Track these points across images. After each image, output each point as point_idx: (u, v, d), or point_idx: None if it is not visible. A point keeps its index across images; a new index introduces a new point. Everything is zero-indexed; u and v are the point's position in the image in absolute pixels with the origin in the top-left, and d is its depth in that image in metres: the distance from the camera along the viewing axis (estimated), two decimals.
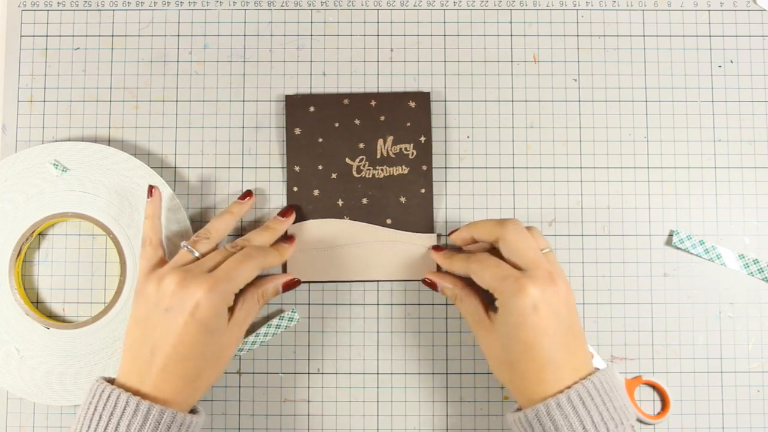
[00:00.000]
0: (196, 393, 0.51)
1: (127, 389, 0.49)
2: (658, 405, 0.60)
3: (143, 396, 0.49)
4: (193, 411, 0.52)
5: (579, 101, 0.62)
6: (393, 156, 0.61)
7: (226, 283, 0.51)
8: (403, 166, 0.61)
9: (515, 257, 0.51)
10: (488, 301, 0.53)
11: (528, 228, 0.53)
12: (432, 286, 0.58)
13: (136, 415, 0.47)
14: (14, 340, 0.59)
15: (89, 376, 0.58)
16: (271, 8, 0.63)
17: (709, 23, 0.63)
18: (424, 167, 0.61)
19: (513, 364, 0.50)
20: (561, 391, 0.48)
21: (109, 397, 0.48)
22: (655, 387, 0.60)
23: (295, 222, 0.60)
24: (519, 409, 0.51)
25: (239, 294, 0.54)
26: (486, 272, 0.51)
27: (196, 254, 0.54)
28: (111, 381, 0.51)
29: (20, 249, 0.59)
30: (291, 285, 0.58)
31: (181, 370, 0.50)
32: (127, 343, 0.52)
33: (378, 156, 0.61)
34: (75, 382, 0.58)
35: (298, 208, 0.61)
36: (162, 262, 0.55)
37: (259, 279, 0.56)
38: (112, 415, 0.48)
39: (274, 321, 0.59)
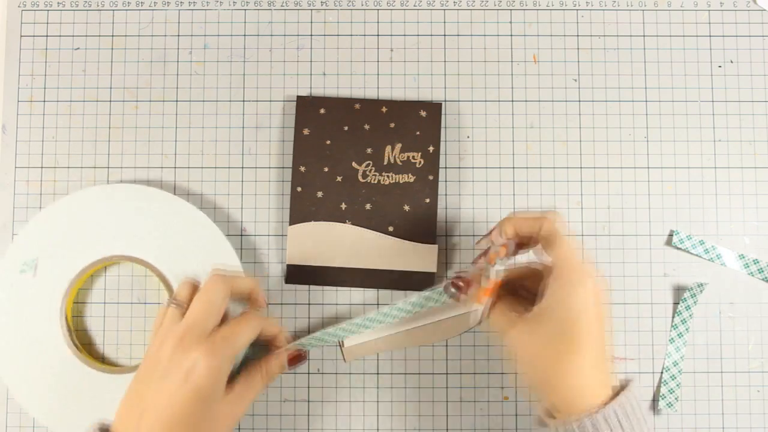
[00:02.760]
0: None
1: None
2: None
3: None
4: None
5: (579, 101, 0.62)
6: (400, 163, 0.61)
7: (225, 347, 0.49)
8: (410, 175, 0.61)
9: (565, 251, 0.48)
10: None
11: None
12: (462, 289, 0.52)
13: None
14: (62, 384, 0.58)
15: None
16: (271, 8, 0.63)
17: (709, 23, 0.63)
18: (431, 177, 0.61)
19: (557, 364, 0.46)
20: (605, 404, 0.45)
21: None
22: None
23: (296, 222, 0.60)
24: (551, 416, 0.48)
25: (243, 369, 0.52)
26: (558, 248, 0.48)
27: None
28: (106, 429, 0.49)
29: (72, 290, 0.59)
30: (297, 359, 0.55)
31: None
32: (126, 393, 0.50)
33: (385, 162, 0.61)
34: None
35: (299, 209, 0.61)
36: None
37: (265, 356, 0.54)
38: None
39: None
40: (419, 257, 0.60)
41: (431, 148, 0.61)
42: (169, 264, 0.59)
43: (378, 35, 0.63)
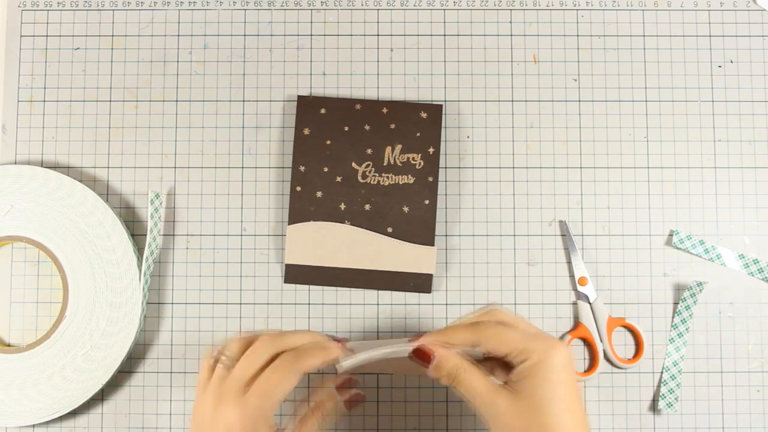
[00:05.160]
0: None
1: None
2: (632, 350, 0.60)
3: None
4: None
5: (579, 101, 0.62)
6: (400, 164, 0.61)
7: (262, 402, 0.47)
8: (409, 176, 0.61)
9: (518, 333, 0.47)
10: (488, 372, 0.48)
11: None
12: (424, 357, 0.48)
13: None
14: None
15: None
16: (271, 8, 0.63)
17: (709, 23, 0.63)
18: (430, 179, 0.61)
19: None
20: None
21: None
22: (631, 330, 0.60)
23: (295, 222, 0.60)
24: None
25: (298, 417, 0.50)
26: (506, 335, 0.46)
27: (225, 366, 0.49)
28: None
29: None
30: (356, 400, 0.52)
31: None
32: None
33: (385, 163, 0.61)
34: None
35: (298, 209, 0.61)
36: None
37: (319, 397, 0.51)
38: None
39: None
40: (417, 259, 0.60)
41: (431, 150, 0.61)
42: (64, 248, 0.59)
43: (378, 35, 0.63)
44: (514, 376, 0.46)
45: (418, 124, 0.61)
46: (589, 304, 0.60)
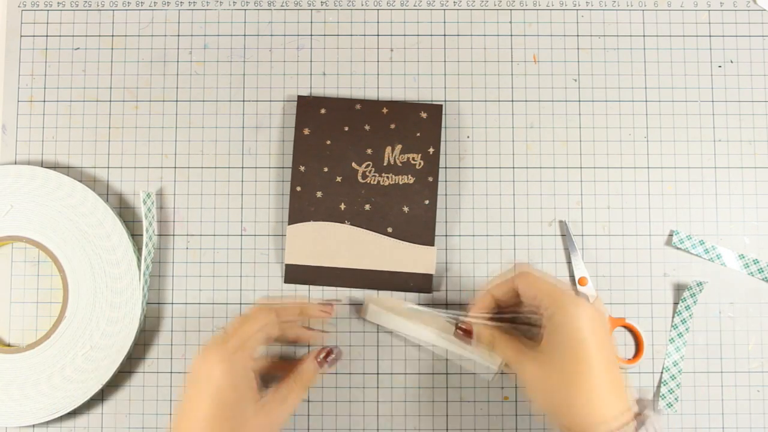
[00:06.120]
0: None
1: None
2: (632, 350, 0.60)
3: None
4: None
5: (579, 101, 0.62)
6: (400, 164, 0.61)
7: (237, 348, 0.50)
8: (409, 176, 0.61)
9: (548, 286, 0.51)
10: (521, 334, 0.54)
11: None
12: (467, 333, 0.55)
13: None
14: None
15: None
16: (271, 8, 0.63)
17: (709, 23, 0.63)
18: (430, 179, 0.61)
19: (566, 387, 0.47)
20: (623, 426, 0.46)
21: None
22: (631, 330, 0.60)
23: (295, 222, 0.60)
24: None
25: (281, 382, 0.54)
26: (538, 285, 0.51)
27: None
28: None
29: None
30: (327, 358, 0.56)
31: None
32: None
33: (385, 163, 0.61)
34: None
35: (298, 209, 0.61)
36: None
37: (297, 364, 0.55)
38: None
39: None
40: (417, 259, 0.60)
41: (431, 150, 0.61)
42: (64, 248, 0.59)
43: (378, 35, 0.63)
44: (540, 338, 0.50)
45: (418, 124, 0.61)
46: None
